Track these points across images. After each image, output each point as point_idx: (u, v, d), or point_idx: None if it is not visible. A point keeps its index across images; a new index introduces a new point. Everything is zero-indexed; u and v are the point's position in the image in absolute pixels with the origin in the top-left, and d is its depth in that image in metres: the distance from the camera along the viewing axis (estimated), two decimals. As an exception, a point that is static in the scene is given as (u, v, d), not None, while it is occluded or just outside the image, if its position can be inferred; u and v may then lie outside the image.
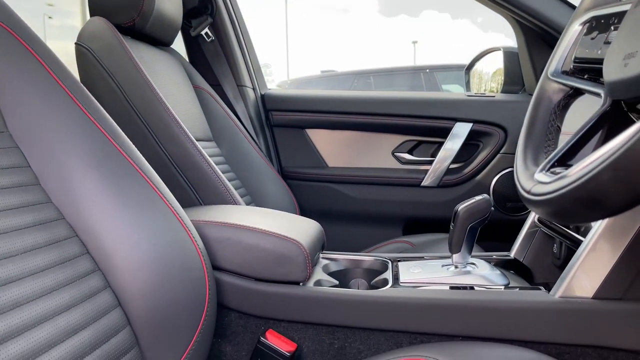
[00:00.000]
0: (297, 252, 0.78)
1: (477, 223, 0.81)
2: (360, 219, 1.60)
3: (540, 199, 0.44)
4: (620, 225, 0.68)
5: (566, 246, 0.84)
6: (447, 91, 5.87)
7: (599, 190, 0.36)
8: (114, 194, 0.68)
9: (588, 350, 0.71)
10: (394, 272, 0.86)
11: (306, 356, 0.79)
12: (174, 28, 1.33)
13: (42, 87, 0.68)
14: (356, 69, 6.80)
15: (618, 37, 0.47)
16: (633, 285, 0.69)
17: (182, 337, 0.69)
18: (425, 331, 0.75)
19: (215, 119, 1.46)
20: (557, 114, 0.59)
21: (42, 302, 0.54)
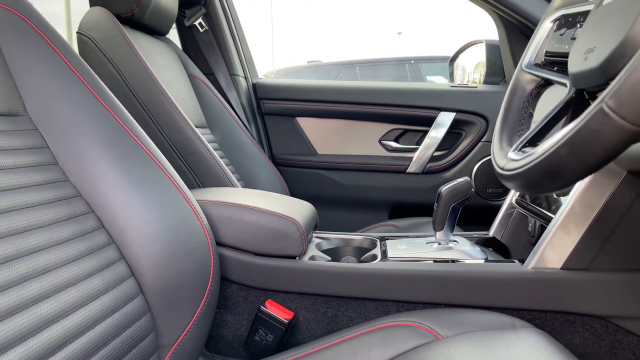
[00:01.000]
0: (293, 228, 0.84)
1: (459, 203, 0.88)
2: (348, 204, 1.67)
3: (511, 173, 0.51)
4: (586, 204, 0.76)
5: (539, 224, 0.91)
6: (432, 82, 5.95)
7: (558, 164, 0.43)
8: (125, 173, 0.73)
9: (556, 315, 0.79)
10: (382, 249, 0.93)
11: (302, 324, 0.86)
12: (170, 18, 1.38)
13: (57, 74, 0.73)
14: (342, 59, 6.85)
15: (581, 34, 0.54)
16: (597, 257, 0.77)
17: (189, 306, 0.75)
18: (411, 300, 0.82)
19: (209, 107, 1.51)
20: (529, 101, 0.66)
21: (68, 269, 0.60)
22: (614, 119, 0.36)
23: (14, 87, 0.68)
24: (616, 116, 0.36)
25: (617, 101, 0.36)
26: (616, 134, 0.37)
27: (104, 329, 0.61)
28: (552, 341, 0.67)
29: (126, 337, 0.65)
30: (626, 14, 0.44)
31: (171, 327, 0.74)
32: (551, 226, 0.80)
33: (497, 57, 1.69)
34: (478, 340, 0.68)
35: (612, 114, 0.36)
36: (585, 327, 0.78)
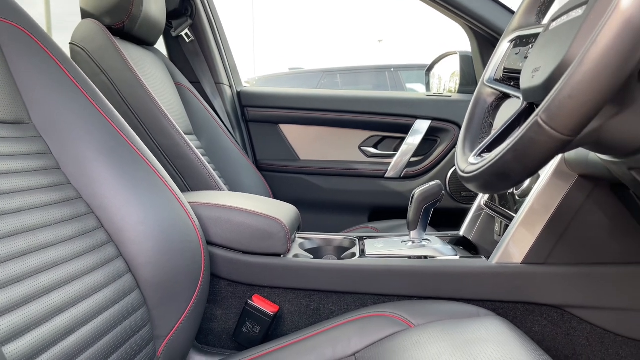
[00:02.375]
0: (278, 228, 0.91)
1: (431, 204, 0.96)
2: (329, 207, 1.74)
3: (469, 175, 0.58)
4: (543, 204, 0.85)
5: (505, 224, 0.99)
6: (411, 89, 6.07)
7: (505, 167, 0.50)
8: (122, 177, 0.79)
9: (517, 305, 0.87)
10: (360, 247, 1.00)
11: (287, 316, 0.92)
12: (158, 29, 1.44)
13: (59, 85, 0.79)
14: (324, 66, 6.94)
15: (531, 54, 0.63)
16: (553, 253, 0.85)
17: (181, 300, 0.81)
18: (387, 293, 0.89)
19: (195, 114, 1.57)
20: (490, 112, 0.74)
21: (74, 264, 0.66)
22: (546, 130, 0.44)
23: (19, 98, 0.74)
24: (548, 127, 0.44)
25: (549, 115, 0.44)
26: (549, 142, 0.45)
27: (107, 319, 0.67)
28: (513, 328, 0.75)
29: (126, 327, 0.71)
30: (565, 39, 0.52)
31: (165, 319, 0.80)
32: (512, 224, 0.88)
33: (470, 67, 1.78)
34: (446, 328, 0.75)
35: (545, 126, 0.44)
36: (543, 316, 0.87)
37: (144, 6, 1.30)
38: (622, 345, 0.86)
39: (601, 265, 0.84)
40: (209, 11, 1.72)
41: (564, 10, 0.57)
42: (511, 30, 0.74)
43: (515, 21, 0.74)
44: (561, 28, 0.56)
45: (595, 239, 0.84)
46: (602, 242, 0.84)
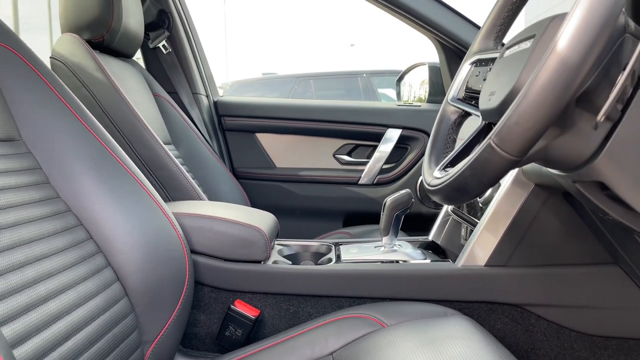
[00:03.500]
0: (258, 236, 0.96)
1: (402, 212, 1.02)
2: (305, 213, 1.80)
3: (434, 188, 0.64)
4: (503, 211, 0.92)
5: (470, 229, 1.07)
6: (383, 94, 6.18)
7: (464, 182, 0.57)
8: (109, 190, 0.83)
9: (481, 304, 0.94)
10: (336, 253, 1.06)
11: (267, 320, 0.97)
12: (137, 42, 1.47)
13: (47, 102, 0.83)
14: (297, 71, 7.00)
15: (488, 78, 0.69)
16: (513, 255, 0.92)
17: (167, 306, 0.86)
18: (361, 295, 0.95)
19: (174, 124, 1.61)
20: (453, 129, 0.80)
21: (67, 274, 0.70)
22: (498, 151, 0.51)
23: (10, 116, 0.77)
24: (499, 149, 0.50)
25: (500, 138, 0.50)
26: (500, 161, 0.51)
27: (99, 325, 0.71)
28: (477, 326, 0.81)
29: (116, 333, 0.75)
30: (515, 69, 0.59)
31: (152, 325, 0.84)
32: (476, 230, 0.95)
33: (438, 78, 1.86)
34: (416, 327, 0.81)
35: (496, 148, 0.51)
36: (505, 314, 0.94)
37: (123, 20, 1.33)
38: (576, 339, 0.94)
39: (556, 267, 0.92)
40: (186, 23, 1.76)
41: (516, 41, 0.64)
42: (472, 53, 0.81)
43: (475, 45, 0.81)
44: (513, 57, 0.62)
45: (550, 243, 0.92)
46: (556, 245, 0.92)
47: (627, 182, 0.55)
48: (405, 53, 14.89)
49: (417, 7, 1.57)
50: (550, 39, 0.55)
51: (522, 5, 0.77)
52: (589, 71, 0.46)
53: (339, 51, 18.69)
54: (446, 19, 1.60)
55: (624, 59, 0.52)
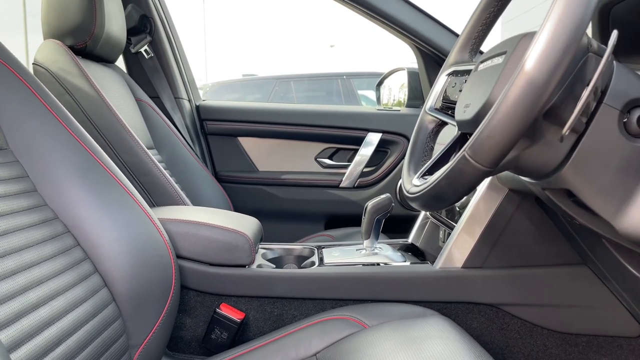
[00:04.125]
0: (243, 241, 0.99)
1: (382, 216, 1.05)
2: (287, 216, 1.82)
3: (413, 196, 0.68)
4: (479, 215, 0.96)
5: (448, 232, 1.10)
6: (362, 96, 6.23)
7: (441, 190, 0.60)
8: (96, 197, 0.85)
9: (459, 305, 0.98)
10: (319, 256, 1.09)
11: (252, 322, 1.00)
12: (119, 47, 1.48)
13: (34, 111, 0.84)
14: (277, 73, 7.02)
15: (464, 90, 0.73)
16: (488, 257, 0.97)
17: (154, 311, 0.87)
18: (344, 297, 0.98)
19: (156, 129, 1.62)
20: (431, 137, 0.84)
21: (56, 280, 0.71)
22: (471, 163, 0.54)
23: None
24: (473, 161, 0.54)
25: (473, 151, 0.54)
26: (474, 172, 0.55)
27: (88, 331, 0.73)
28: (455, 326, 0.85)
29: (105, 338, 0.77)
30: (488, 83, 0.63)
31: (139, 329, 0.85)
32: (454, 233, 0.99)
33: (417, 82, 1.91)
34: (396, 327, 0.85)
35: (470, 159, 0.54)
36: (481, 313, 0.98)
37: (105, 26, 1.34)
38: (548, 337, 0.98)
39: (529, 268, 0.97)
40: (168, 28, 1.77)
41: (489, 56, 0.68)
42: (449, 65, 0.85)
43: (452, 57, 0.85)
44: (486, 71, 0.66)
45: (523, 245, 0.96)
46: (529, 247, 0.96)
47: (591, 190, 0.59)
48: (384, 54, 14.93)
49: (396, 14, 1.61)
50: (520, 57, 0.59)
51: (495, 20, 0.81)
52: (554, 89, 0.50)
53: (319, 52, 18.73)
54: (424, 26, 1.64)
55: (587, 76, 0.56)
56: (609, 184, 0.58)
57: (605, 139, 0.57)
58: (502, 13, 0.81)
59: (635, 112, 0.57)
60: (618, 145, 0.57)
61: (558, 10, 0.49)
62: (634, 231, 0.58)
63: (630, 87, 0.57)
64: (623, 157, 0.57)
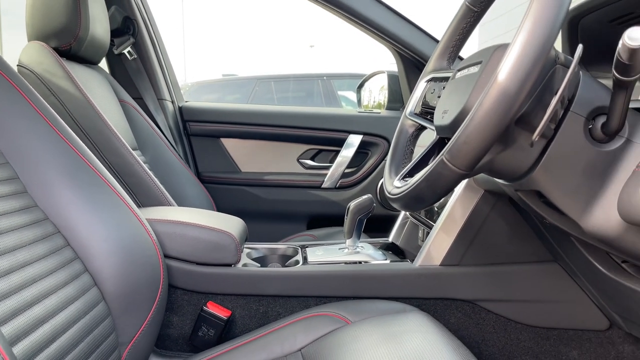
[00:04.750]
0: (229, 241, 1.01)
1: (364, 216, 1.09)
2: (270, 216, 1.85)
3: (394, 197, 0.72)
4: (456, 215, 1.00)
5: (426, 231, 1.15)
6: (342, 96, 6.28)
7: (421, 192, 0.64)
8: (85, 198, 0.86)
9: (437, 301, 1.02)
10: (303, 255, 1.12)
11: (238, 320, 1.03)
12: (103, 49, 1.49)
13: (22, 113, 0.85)
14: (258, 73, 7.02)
15: (442, 97, 0.77)
16: (465, 255, 1.01)
17: (143, 309, 0.89)
18: (327, 295, 1.02)
19: (140, 130, 1.63)
20: (411, 141, 0.88)
21: (49, 279, 0.73)
22: (449, 166, 0.58)
23: None
24: (450, 164, 0.58)
25: (451, 155, 0.58)
26: (451, 175, 0.59)
27: (80, 328, 0.75)
28: (434, 321, 0.89)
29: (96, 336, 0.79)
30: (465, 91, 0.67)
31: (128, 327, 0.88)
32: (432, 232, 1.03)
33: (397, 85, 1.95)
34: (378, 323, 0.88)
35: (448, 163, 0.58)
36: (458, 309, 1.02)
37: (90, 28, 1.35)
38: (521, 331, 1.03)
39: (503, 265, 1.01)
40: (151, 30, 1.78)
41: (466, 65, 0.72)
42: (428, 72, 0.89)
43: (430, 65, 0.89)
44: (463, 79, 0.70)
45: (498, 243, 1.01)
46: (503, 245, 1.01)
47: (559, 191, 0.63)
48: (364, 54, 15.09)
49: (377, 19, 1.65)
50: (494, 67, 0.63)
51: (472, 30, 0.85)
52: (525, 98, 0.54)
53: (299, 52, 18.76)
54: (404, 31, 1.68)
55: (555, 86, 0.60)
56: (575, 185, 0.62)
57: (571, 144, 0.61)
58: (479, 22, 0.85)
59: (600, 119, 0.61)
60: (583, 150, 0.61)
61: (528, 26, 0.53)
62: (598, 230, 0.62)
63: (595, 96, 0.62)
64: (588, 161, 0.61)
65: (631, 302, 0.80)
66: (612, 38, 0.80)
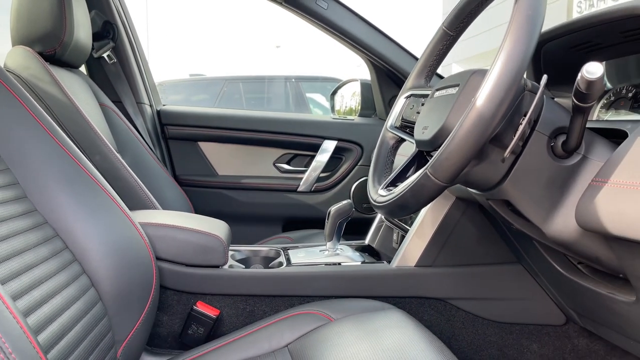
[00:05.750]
0: (217, 243, 1.06)
1: (344, 220, 1.16)
2: (247, 219, 1.90)
3: (380, 205, 0.79)
4: (430, 220, 1.09)
5: (401, 234, 1.23)
6: (310, 99, 6.35)
7: (405, 201, 0.71)
8: (81, 203, 0.90)
9: (412, 299, 1.10)
10: (286, 257, 1.18)
11: (226, 318, 1.08)
12: (85, 53, 1.51)
13: (21, 120, 0.88)
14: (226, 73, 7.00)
15: (421, 113, 0.85)
16: (438, 257, 1.09)
17: (137, 309, 0.94)
18: (310, 294, 1.08)
19: (119, 133, 1.65)
20: (391, 152, 0.96)
21: (53, 280, 0.77)
22: (432, 179, 0.66)
23: None
24: (433, 177, 0.65)
25: (434, 169, 0.65)
26: (434, 186, 0.66)
27: (83, 326, 0.79)
28: (410, 317, 0.97)
29: (96, 334, 0.83)
30: (444, 110, 0.75)
31: (123, 326, 0.92)
32: (408, 236, 1.11)
33: (369, 93, 2.03)
34: (359, 319, 0.95)
35: (431, 176, 0.65)
36: (431, 307, 1.11)
37: (74, 34, 1.37)
38: (487, 326, 1.12)
39: (472, 266, 1.10)
40: (130, 34, 1.81)
41: (444, 85, 0.80)
42: (407, 89, 0.97)
43: (409, 82, 0.97)
44: (442, 99, 0.78)
45: (468, 246, 1.10)
46: (473, 247, 1.10)
47: (525, 201, 0.72)
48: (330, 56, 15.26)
49: (352, 30, 1.73)
50: (470, 91, 0.71)
51: (447, 52, 0.93)
52: (499, 121, 0.62)
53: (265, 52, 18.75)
54: (378, 42, 1.76)
55: (523, 109, 0.69)
56: (539, 196, 0.71)
57: (536, 159, 0.70)
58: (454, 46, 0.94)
59: (560, 137, 0.70)
60: (546, 164, 0.70)
61: (502, 59, 0.61)
62: (558, 235, 0.71)
63: (556, 118, 0.71)
64: (550, 174, 0.70)
65: (585, 299, 0.90)
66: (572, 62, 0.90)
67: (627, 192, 0.59)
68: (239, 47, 21.05)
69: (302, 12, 1.70)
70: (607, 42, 0.83)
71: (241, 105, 6.06)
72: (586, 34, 0.83)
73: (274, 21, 20.72)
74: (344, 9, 1.73)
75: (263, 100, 6.26)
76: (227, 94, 6.09)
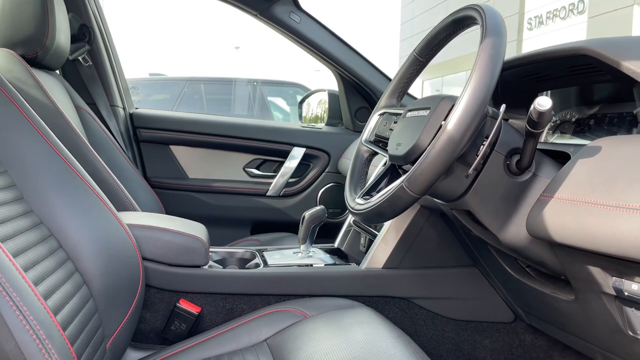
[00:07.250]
0: (199, 245, 1.13)
1: (317, 225, 1.25)
2: (216, 221, 1.96)
3: (357, 212, 0.88)
4: (397, 226, 1.19)
5: (368, 239, 1.33)
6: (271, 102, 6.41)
7: (382, 210, 0.81)
8: (74, 204, 0.95)
9: (379, 298, 1.20)
10: (262, 258, 1.26)
11: (207, 315, 1.15)
12: (64, 56, 1.53)
13: (16, 124, 0.93)
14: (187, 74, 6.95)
15: (394, 131, 0.95)
16: (403, 260, 1.20)
17: (124, 306, 0.99)
18: (286, 293, 1.16)
19: (94, 135, 1.68)
20: (365, 164, 1.05)
21: (53, 277, 0.82)
22: (407, 191, 0.75)
23: None
24: (408, 190, 0.75)
25: (409, 183, 0.75)
26: (408, 198, 0.76)
27: (80, 321, 0.84)
28: (377, 314, 1.06)
29: (90, 328, 0.88)
30: (416, 129, 0.85)
31: (111, 322, 0.97)
32: (376, 240, 1.21)
33: (336, 103, 2.13)
34: (332, 316, 1.04)
35: (406, 189, 0.75)
36: (396, 305, 1.21)
37: (56, 38, 1.40)
38: (445, 324, 1.24)
39: (433, 268, 1.21)
40: (106, 38, 1.84)
41: (415, 107, 0.90)
42: (380, 108, 1.07)
43: (382, 102, 1.07)
44: (414, 120, 0.88)
45: (430, 250, 1.21)
46: (434, 251, 1.21)
47: (484, 211, 0.83)
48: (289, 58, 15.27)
49: (323, 44, 1.82)
50: (440, 114, 0.81)
51: (417, 75, 1.04)
52: (466, 143, 0.73)
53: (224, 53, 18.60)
54: (346, 55, 1.87)
55: (485, 132, 0.80)
56: (496, 207, 0.82)
57: (494, 175, 0.81)
58: (424, 69, 1.04)
59: (515, 157, 0.82)
60: (502, 180, 0.81)
61: (469, 91, 0.72)
62: (511, 241, 0.83)
63: (512, 140, 0.82)
64: (505, 189, 0.81)
65: (532, 298, 1.02)
66: (524, 89, 1.03)
67: (568, 206, 0.70)
68: (199, 47, 20.79)
69: (276, 25, 1.78)
70: (555, 74, 0.95)
71: (202, 106, 6.05)
72: (537, 66, 0.95)
73: (234, 22, 20.62)
74: (316, 24, 1.82)
75: (224, 102, 6.26)
76: (188, 95, 6.06)
